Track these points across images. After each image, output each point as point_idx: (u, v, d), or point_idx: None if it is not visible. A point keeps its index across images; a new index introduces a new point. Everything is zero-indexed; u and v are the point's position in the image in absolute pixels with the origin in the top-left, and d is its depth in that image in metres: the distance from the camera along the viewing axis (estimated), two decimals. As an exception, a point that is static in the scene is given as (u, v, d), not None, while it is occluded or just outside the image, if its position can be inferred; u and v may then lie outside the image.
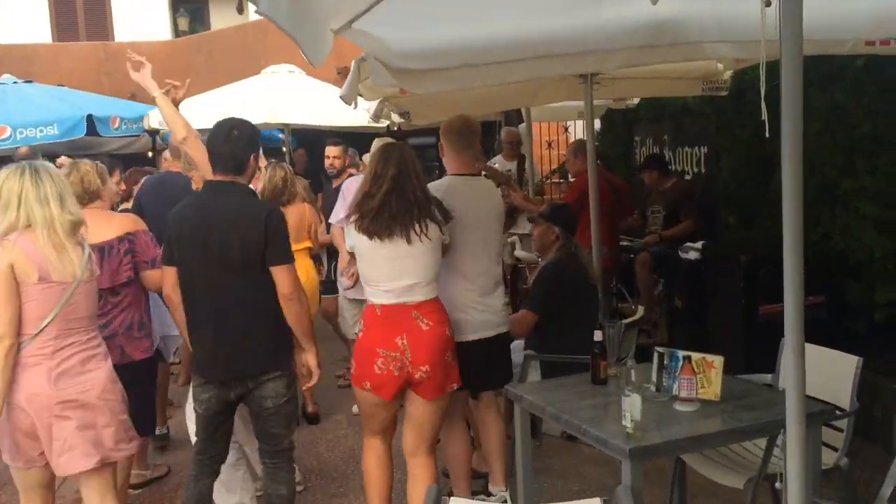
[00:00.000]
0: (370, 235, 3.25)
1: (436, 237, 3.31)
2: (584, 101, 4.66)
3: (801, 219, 2.24)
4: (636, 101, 7.83)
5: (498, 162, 8.39)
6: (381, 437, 3.46)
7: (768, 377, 3.57)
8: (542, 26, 3.33)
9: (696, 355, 2.93)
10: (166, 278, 3.23)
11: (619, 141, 9.08)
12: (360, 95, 4.13)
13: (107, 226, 3.57)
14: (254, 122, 8.32)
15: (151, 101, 4.22)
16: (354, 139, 8.42)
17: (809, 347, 3.46)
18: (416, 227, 3.24)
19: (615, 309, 6.53)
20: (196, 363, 3.24)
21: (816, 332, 4.34)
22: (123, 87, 13.20)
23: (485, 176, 8.20)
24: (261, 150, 3.51)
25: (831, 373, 3.31)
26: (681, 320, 5.54)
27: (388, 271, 3.27)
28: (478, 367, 3.56)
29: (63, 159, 5.75)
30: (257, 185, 5.30)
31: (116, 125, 8.30)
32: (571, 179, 6.97)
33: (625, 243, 6.95)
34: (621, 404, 2.66)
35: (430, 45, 3.27)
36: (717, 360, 2.91)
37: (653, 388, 3.01)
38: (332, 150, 6.26)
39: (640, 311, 4.46)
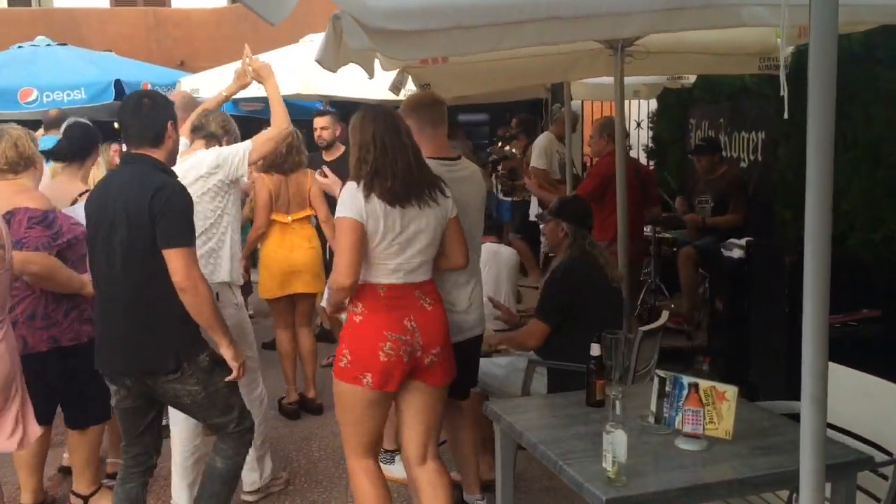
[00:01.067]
0: (392, 202, 2.84)
1: (444, 208, 2.97)
2: (614, 76, 4.13)
3: (830, 214, 1.91)
4: (692, 79, 7.21)
5: (545, 140, 7.87)
6: (371, 452, 3.03)
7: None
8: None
9: (704, 383, 2.42)
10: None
11: (673, 123, 8.42)
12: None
13: (10, 196, 3.38)
14: (286, 92, 7.98)
15: (199, 69, 4.25)
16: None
17: (854, 374, 2.94)
18: (428, 192, 2.92)
19: (651, 307, 6.00)
20: (98, 359, 2.97)
21: (868, 353, 3.79)
22: (173, 54, 13.15)
23: (492, 160, 7.74)
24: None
25: (880, 407, 2.76)
26: (721, 325, 4.97)
27: (398, 247, 2.89)
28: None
29: None
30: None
31: (147, 89, 8.07)
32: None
33: (667, 235, 6.38)
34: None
35: (415, 2, 2.81)
36: (731, 391, 2.39)
37: (651, 418, 2.52)
38: (319, 121, 5.88)
39: (665, 316, 3.92)
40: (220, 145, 3.82)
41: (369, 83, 6.65)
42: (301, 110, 10.44)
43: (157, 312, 2.83)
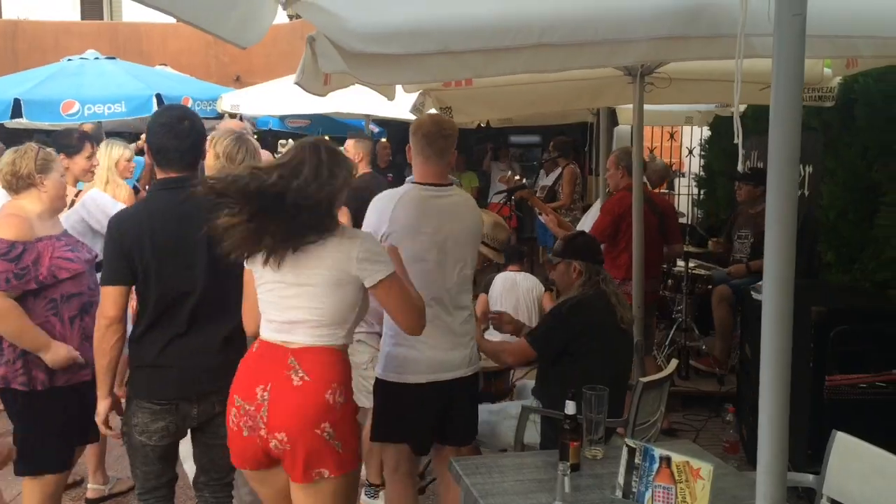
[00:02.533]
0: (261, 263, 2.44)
1: (337, 275, 2.42)
2: (633, 104, 3.88)
3: (793, 244, 1.63)
4: (743, 107, 6.87)
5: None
6: None
7: (811, 478, 2.71)
8: (538, 8, 2.63)
9: (678, 457, 2.15)
10: (116, 300, 2.69)
11: (724, 152, 8.04)
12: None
13: None
14: (326, 109, 7.86)
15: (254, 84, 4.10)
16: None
17: (868, 450, 2.61)
18: (310, 256, 2.40)
19: (682, 347, 5.67)
20: (148, 389, 2.77)
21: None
22: (230, 70, 13.37)
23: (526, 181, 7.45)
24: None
25: (892, 489, 2.43)
26: (749, 373, 4.61)
27: (273, 299, 2.47)
28: (426, 418, 2.96)
29: None
30: None
31: (189, 105, 8.13)
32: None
33: (702, 272, 6.03)
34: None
35: (397, 24, 2.63)
36: (706, 469, 2.12)
37: (619, 491, 2.26)
38: (346, 144, 5.74)
39: (672, 365, 3.63)
40: None
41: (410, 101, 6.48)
42: (346, 128, 10.45)
43: (235, 335, 2.79)
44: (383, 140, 9.98)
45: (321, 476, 2.37)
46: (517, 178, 6.92)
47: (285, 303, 2.44)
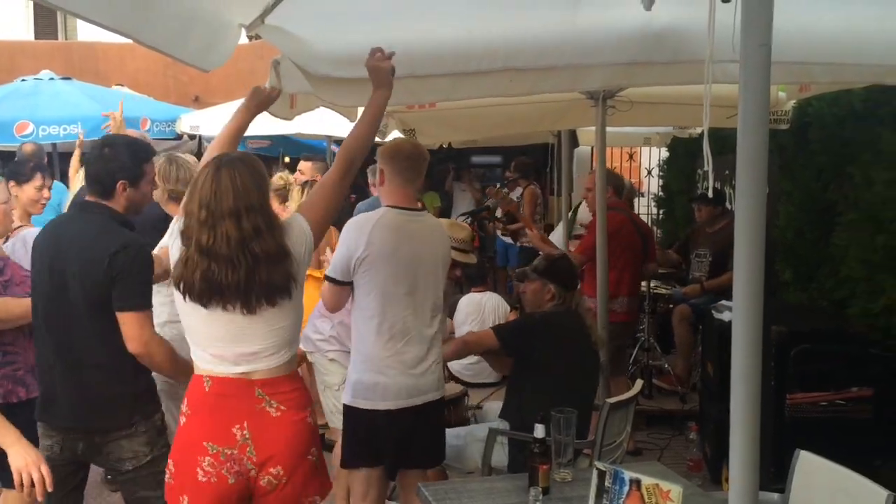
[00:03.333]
0: (191, 298, 2.26)
1: (294, 305, 2.35)
2: (595, 127, 3.93)
3: (761, 266, 1.65)
4: (700, 129, 7.00)
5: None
6: None
7: (776, 497, 2.74)
8: (502, 33, 2.66)
9: (647, 480, 2.17)
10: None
11: (681, 173, 8.18)
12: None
13: None
14: (290, 130, 7.79)
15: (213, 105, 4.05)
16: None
17: (829, 468, 2.65)
18: (262, 297, 2.24)
19: (644, 366, 5.72)
20: (38, 408, 2.74)
21: (857, 438, 3.49)
22: (189, 90, 13.23)
23: (490, 202, 7.51)
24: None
25: (856, 506, 2.47)
26: (710, 391, 4.67)
27: (221, 335, 2.29)
28: (397, 443, 2.93)
29: None
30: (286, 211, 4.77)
31: (147, 127, 8.02)
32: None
33: (662, 291, 6.11)
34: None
35: (363, 48, 2.63)
36: (675, 491, 2.14)
37: (590, 515, 2.27)
38: (302, 165, 5.77)
39: (638, 385, 3.67)
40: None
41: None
42: (306, 149, 10.40)
43: (122, 364, 2.64)
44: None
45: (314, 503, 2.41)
46: (505, 191, 6.96)
47: (238, 335, 2.27)
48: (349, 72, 2.67)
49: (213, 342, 2.29)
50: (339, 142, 9.72)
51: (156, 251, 2.99)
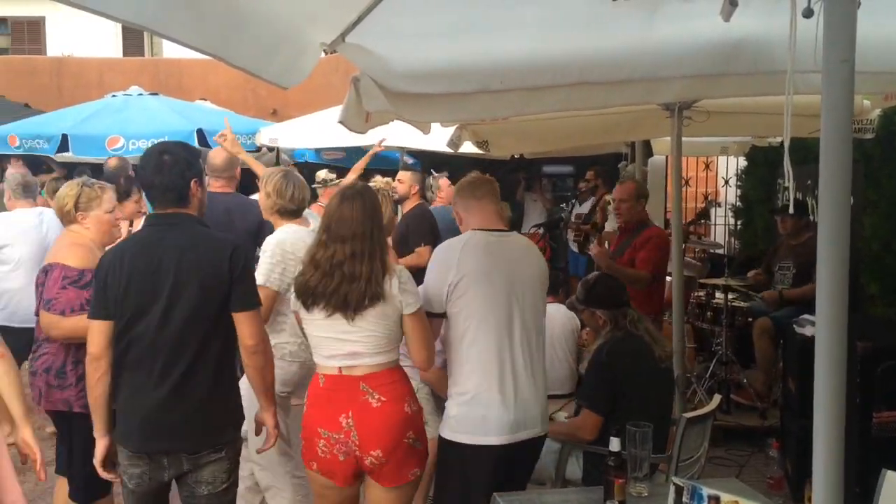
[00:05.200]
0: (306, 307, 2.74)
1: (386, 309, 2.69)
2: (671, 138, 3.88)
3: (846, 281, 1.62)
4: (780, 138, 6.82)
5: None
6: None
7: (861, 519, 2.66)
8: (577, 46, 2.67)
9: (727, 497, 2.14)
10: (97, 335, 2.61)
11: (760, 183, 7.99)
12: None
13: (58, 248, 3.30)
14: (365, 141, 7.97)
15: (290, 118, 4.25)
16: (478, 167, 7.95)
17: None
18: (357, 306, 2.66)
19: (721, 380, 5.60)
20: (124, 433, 2.66)
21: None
22: (267, 104, 13.60)
23: (564, 215, 7.42)
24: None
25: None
26: (792, 408, 4.54)
27: (329, 338, 2.73)
28: (498, 476, 2.81)
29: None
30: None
31: (228, 140, 8.29)
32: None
33: (741, 304, 5.97)
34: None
35: (439, 64, 2.69)
36: (755, 509, 2.10)
37: (666, 531, 2.25)
38: (400, 175, 5.85)
39: (716, 400, 3.59)
40: None
41: (445, 134, 6.59)
42: (380, 160, 10.55)
43: (223, 384, 2.68)
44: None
45: (412, 476, 2.74)
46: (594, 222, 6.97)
47: (341, 337, 2.68)
48: (425, 87, 2.72)
49: (326, 344, 2.72)
50: (411, 153, 9.86)
51: None
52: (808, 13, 1.56)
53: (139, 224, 4.52)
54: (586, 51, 2.65)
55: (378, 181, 5.60)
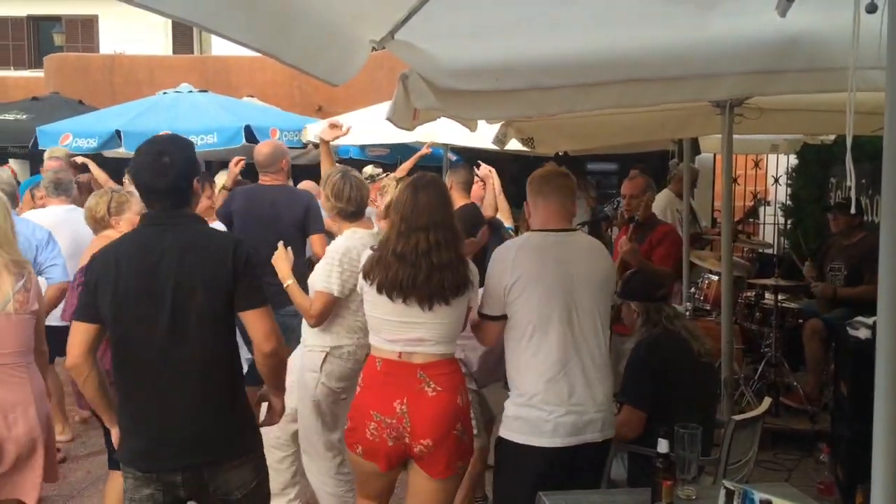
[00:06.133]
0: (380, 291, 2.80)
1: (461, 302, 2.83)
2: (721, 136, 3.82)
3: None
4: (832, 136, 6.67)
5: (663, 199, 7.47)
6: (376, 501, 3.01)
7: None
8: (629, 42, 2.64)
9: (779, 501, 2.10)
10: (78, 339, 2.44)
11: (811, 181, 7.82)
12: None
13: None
14: (408, 139, 8.03)
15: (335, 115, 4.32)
16: (522, 164, 7.93)
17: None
18: (439, 295, 2.75)
19: (771, 383, 5.49)
20: (129, 453, 2.48)
21: None
22: (313, 100, 13.71)
23: (608, 210, 7.27)
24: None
25: None
26: (844, 412, 4.44)
27: (395, 322, 2.80)
28: (555, 479, 2.74)
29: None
30: (382, 201, 4.96)
31: (276, 136, 8.37)
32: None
33: (793, 305, 5.85)
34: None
35: (487, 60, 2.69)
36: (808, 515, 2.06)
37: (716, 536, 2.21)
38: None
39: (766, 403, 3.53)
40: None
41: (490, 131, 6.57)
42: (425, 158, 10.57)
43: (232, 389, 2.52)
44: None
45: (457, 469, 2.79)
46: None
47: (408, 323, 2.75)
48: (475, 84, 2.72)
49: (389, 328, 2.77)
50: (455, 150, 9.86)
51: None
52: (872, 8, 1.52)
53: (214, 220, 4.54)
54: (638, 47, 2.62)
55: None
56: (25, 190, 5.98)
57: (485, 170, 5.80)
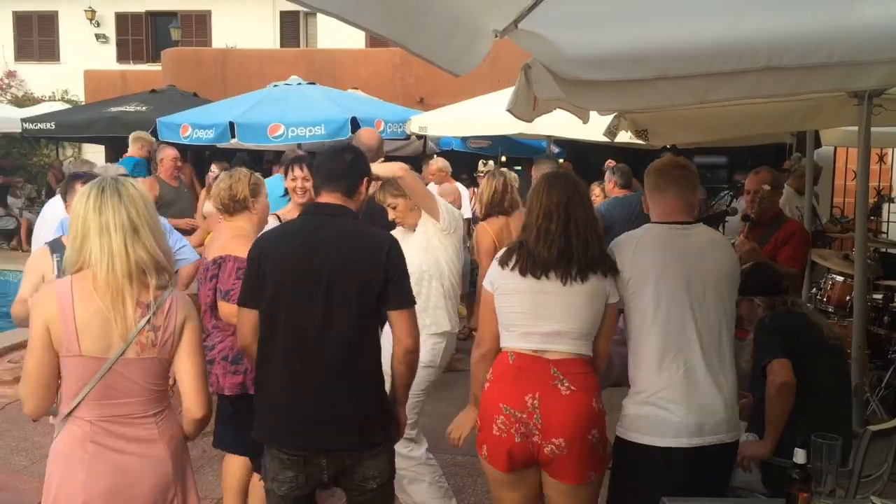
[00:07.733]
0: (524, 273, 2.68)
1: (598, 287, 2.68)
2: (859, 128, 3.59)
3: None
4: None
5: (783, 195, 7.12)
6: None
7: None
8: (766, 29, 2.49)
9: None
10: (248, 325, 2.62)
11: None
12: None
13: (225, 242, 3.35)
14: (510, 131, 7.98)
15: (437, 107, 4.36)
16: (628, 157, 7.73)
17: None
18: (577, 268, 2.66)
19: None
20: (272, 432, 2.59)
21: None
22: (414, 92, 13.81)
23: (730, 209, 6.99)
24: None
25: None
26: None
27: (530, 313, 2.67)
28: (676, 481, 2.64)
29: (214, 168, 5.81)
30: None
31: (381, 128, 8.46)
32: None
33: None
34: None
35: (614, 49, 2.59)
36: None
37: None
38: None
39: (903, 414, 3.30)
40: None
41: (594, 126, 6.38)
42: (526, 149, 10.48)
43: (377, 379, 2.63)
44: (566, 162, 9.84)
45: (591, 478, 2.63)
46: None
47: (545, 313, 2.64)
48: (601, 73, 2.63)
49: (524, 322, 2.67)
50: (558, 141, 9.73)
51: None
52: None
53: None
54: (777, 33, 2.47)
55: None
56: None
57: None
